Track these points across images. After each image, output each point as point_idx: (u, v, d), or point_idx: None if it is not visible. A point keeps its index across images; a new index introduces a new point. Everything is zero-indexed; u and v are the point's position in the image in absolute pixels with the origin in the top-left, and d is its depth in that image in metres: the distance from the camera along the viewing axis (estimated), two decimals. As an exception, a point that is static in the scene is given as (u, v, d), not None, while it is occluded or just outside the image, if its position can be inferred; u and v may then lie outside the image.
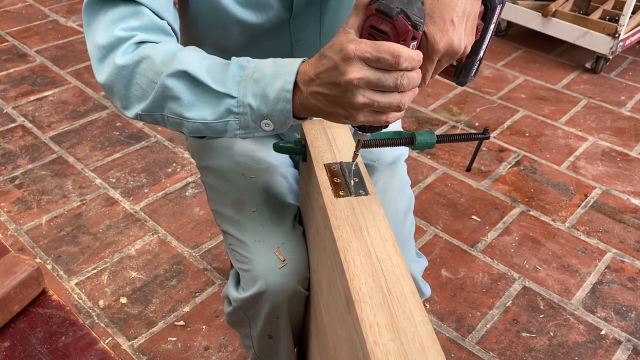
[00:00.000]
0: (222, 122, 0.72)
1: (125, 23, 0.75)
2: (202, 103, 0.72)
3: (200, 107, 0.72)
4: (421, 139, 0.89)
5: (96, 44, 0.76)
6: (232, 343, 1.48)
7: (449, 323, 1.55)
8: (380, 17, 0.62)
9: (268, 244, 0.92)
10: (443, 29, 0.65)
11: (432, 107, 2.42)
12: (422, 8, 0.64)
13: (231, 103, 0.70)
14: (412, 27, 0.62)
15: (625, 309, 1.60)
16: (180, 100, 0.72)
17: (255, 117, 0.70)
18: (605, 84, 2.62)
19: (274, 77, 0.68)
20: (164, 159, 2.09)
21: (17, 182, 1.97)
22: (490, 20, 0.75)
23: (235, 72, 0.70)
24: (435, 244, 1.78)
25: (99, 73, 0.76)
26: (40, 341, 0.72)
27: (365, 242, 0.66)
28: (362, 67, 0.61)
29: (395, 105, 0.63)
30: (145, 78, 0.73)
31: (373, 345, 0.54)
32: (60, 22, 3.00)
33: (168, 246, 1.75)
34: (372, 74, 0.61)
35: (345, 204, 0.72)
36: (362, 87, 0.62)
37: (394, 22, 0.61)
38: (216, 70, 0.71)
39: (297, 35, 0.94)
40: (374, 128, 0.71)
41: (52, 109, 2.33)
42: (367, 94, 0.62)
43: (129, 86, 0.75)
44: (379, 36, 0.63)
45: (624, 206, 1.94)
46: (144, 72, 0.73)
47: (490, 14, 0.75)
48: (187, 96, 0.72)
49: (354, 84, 0.61)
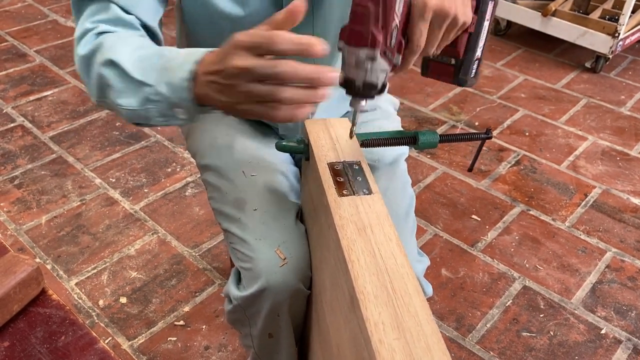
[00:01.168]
0: (143, 109, 0.75)
1: (94, 17, 0.82)
2: (129, 91, 0.75)
3: (127, 94, 0.75)
4: (424, 138, 0.89)
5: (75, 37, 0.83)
6: (232, 343, 1.48)
7: (449, 323, 1.54)
8: None
9: (269, 242, 0.91)
10: None
11: (432, 106, 2.42)
12: None
13: (148, 91, 0.73)
14: None
15: (625, 308, 1.60)
16: (112, 87, 0.76)
17: (168, 105, 0.72)
18: (605, 83, 2.62)
19: (180, 65, 0.70)
20: (164, 158, 2.08)
21: (16, 182, 1.96)
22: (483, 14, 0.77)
23: (155, 61, 0.73)
24: (435, 244, 1.78)
25: (75, 59, 0.83)
26: (40, 341, 0.71)
27: (369, 241, 0.66)
28: (246, 56, 0.62)
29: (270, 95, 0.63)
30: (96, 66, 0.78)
31: (378, 344, 0.53)
32: (60, 22, 2.99)
33: (168, 246, 1.74)
34: (252, 61, 0.62)
35: (349, 203, 0.72)
36: (243, 75, 0.63)
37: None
38: (143, 59, 0.74)
39: None
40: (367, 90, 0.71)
41: (52, 109, 2.33)
42: (248, 82, 0.63)
43: (88, 75, 0.80)
44: None
45: (624, 205, 1.94)
46: (96, 62, 0.78)
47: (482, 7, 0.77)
48: (117, 84, 0.76)
49: (235, 72, 0.63)
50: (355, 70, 0.70)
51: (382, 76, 0.72)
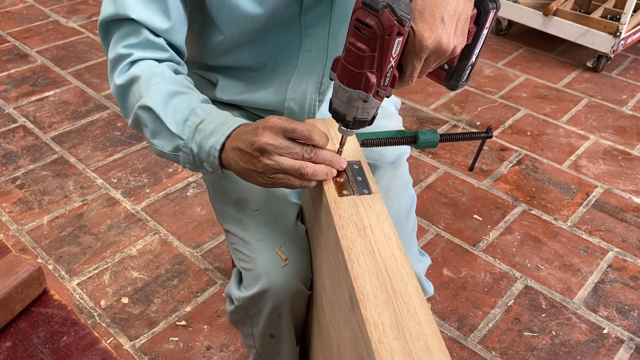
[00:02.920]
0: (173, 155, 0.83)
1: (126, 41, 0.87)
2: (162, 136, 0.83)
3: (161, 138, 0.84)
4: (424, 137, 0.89)
5: (108, 58, 0.90)
6: (233, 343, 1.48)
7: (451, 322, 1.54)
8: (366, 10, 0.62)
9: (270, 243, 0.91)
10: (432, 26, 0.66)
11: (433, 106, 2.42)
12: (410, 4, 0.64)
13: (180, 143, 0.82)
14: (398, 22, 0.62)
15: (627, 307, 1.59)
16: (148, 127, 0.85)
17: (197, 159, 0.81)
18: (607, 82, 2.62)
19: (212, 133, 0.78)
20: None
21: (18, 183, 1.97)
22: (483, 24, 0.75)
23: (188, 117, 0.81)
24: (436, 243, 1.78)
25: (110, 84, 0.90)
26: (41, 341, 0.72)
27: (369, 241, 0.66)
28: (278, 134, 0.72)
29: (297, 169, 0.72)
30: (133, 99, 0.86)
31: (378, 344, 0.53)
32: (61, 22, 3.00)
33: (169, 246, 1.74)
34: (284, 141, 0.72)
35: (349, 203, 0.72)
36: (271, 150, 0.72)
37: (380, 16, 0.62)
38: (177, 110, 0.82)
39: (306, 29, 0.95)
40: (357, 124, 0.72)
41: (53, 109, 2.33)
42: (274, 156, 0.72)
43: (123, 102, 0.88)
44: (364, 29, 0.63)
45: (625, 205, 1.94)
46: (132, 94, 0.86)
47: (483, 18, 0.75)
48: (152, 126, 0.84)
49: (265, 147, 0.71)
50: (346, 106, 0.70)
51: (372, 112, 0.72)
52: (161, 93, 0.83)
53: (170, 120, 0.81)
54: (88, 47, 2.77)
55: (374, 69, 0.66)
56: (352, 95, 0.68)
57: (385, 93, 0.70)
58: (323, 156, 0.74)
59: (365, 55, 0.64)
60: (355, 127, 0.73)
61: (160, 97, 0.83)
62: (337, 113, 0.72)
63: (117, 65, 0.87)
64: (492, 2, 0.74)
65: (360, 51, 0.64)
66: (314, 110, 1.01)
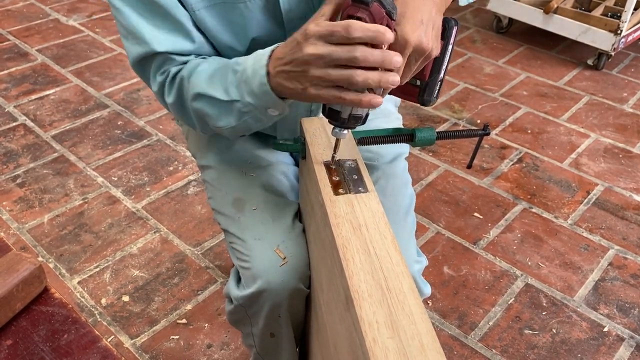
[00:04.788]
0: (242, 122, 0.82)
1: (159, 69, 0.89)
2: (223, 112, 0.83)
3: (223, 116, 0.83)
4: (421, 135, 0.89)
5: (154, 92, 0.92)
6: (234, 341, 1.48)
7: (452, 320, 1.55)
8: (357, 5, 0.67)
9: (268, 242, 0.92)
10: (414, 26, 0.71)
11: (434, 104, 2.41)
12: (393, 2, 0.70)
13: (239, 106, 0.80)
14: (387, 15, 0.67)
15: (628, 305, 1.59)
16: (209, 115, 0.84)
17: (259, 110, 0.80)
18: (607, 80, 2.61)
19: (253, 74, 0.77)
20: (166, 157, 2.09)
21: (19, 181, 1.97)
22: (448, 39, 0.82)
23: (232, 78, 0.80)
24: (437, 242, 1.78)
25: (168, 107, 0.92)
26: (42, 339, 0.72)
27: (364, 239, 0.66)
28: (318, 43, 0.67)
29: (346, 78, 0.67)
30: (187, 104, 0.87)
31: (372, 343, 0.53)
32: (62, 21, 3.00)
33: (170, 244, 1.75)
34: (326, 48, 0.67)
35: (345, 202, 0.72)
36: (315, 61, 0.68)
37: (370, 9, 0.67)
38: (221, 80, 0.81)
39: None
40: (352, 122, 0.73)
41: (54, 108, 2.34)
42: (321, 68, 0.68)
43: (185, 115, 0.90)
44: None
45: (626, 203, 1.94)
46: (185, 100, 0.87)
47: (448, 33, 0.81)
48: (211, 111, 0.84)
49: (308, 59, 0.68)
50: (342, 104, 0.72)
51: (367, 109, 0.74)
52: (201, 75, 0.83)
53: (219, 92, 0.81)
54: (88, 46, 2.78)
55: None
56: None
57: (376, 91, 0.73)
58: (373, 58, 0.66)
59: None
60: (350, 125, 0.74)
61: (202, 79, 0.83)
62: (333, 111, 0.74)
63: (163, 92, 0.89)
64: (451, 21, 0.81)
65: None
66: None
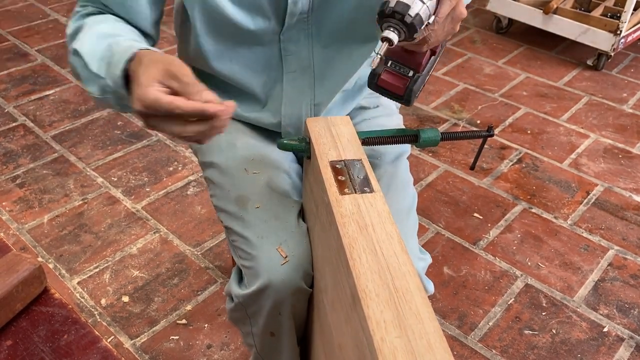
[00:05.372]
0: (103, 97, 0.80)
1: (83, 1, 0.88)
2: (90, 80, 0.80)
3: (90, 83, 0.81)
4: (425, 136, 0.89)
5: None
6: (234, 341, 1.48)
7: (452, 321, 1.54)
8: None
9: (271, 241, 0.91)
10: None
11: (434, 104, 2.41)
12: None
13: (102, 83, 0.78)
14: None
15: (627, 306, 1.59)
16: (80, 75, 0.83)
17: (118, 95, 0.77)
18: (607, 81, 2.62)
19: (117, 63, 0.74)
20: (166, 157, 2.09)
21: (18, 182, 1.96)
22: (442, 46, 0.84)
23: (104, 55, 0.77)
24: (437, 242, 1.78)
25: None
26: (42, 339, 0.72)
27: (371, 239, 0.65)
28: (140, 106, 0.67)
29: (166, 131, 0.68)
30: None
31: (380, 342, 0.53)
32: (61, 21, 3.00)
33: (170, 245, 1.74)
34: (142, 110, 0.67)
35: (351, 202, 0.72)
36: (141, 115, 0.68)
37: None
38: (101, 50, 0.78)
39: (287, 49, 0.95)
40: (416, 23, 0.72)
41: (54, 108, 2.33)
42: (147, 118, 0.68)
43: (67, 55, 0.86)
44: None
45: (626, 203, 1.94)
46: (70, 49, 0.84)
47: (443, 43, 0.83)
48: (82, 72, 0.82)
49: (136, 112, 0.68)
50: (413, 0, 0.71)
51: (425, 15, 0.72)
52: (92, 36, 0.81)
53: (93, 61, 0.79)
54: (88, 46, 2.77)
55: None
56: None
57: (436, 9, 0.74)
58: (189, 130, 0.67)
59: None
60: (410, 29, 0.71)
61: (89, 40, 0.81)
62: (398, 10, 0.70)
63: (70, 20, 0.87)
64: None
65: None
66: None
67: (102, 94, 0.80)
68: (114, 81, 0.75)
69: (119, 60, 0.74)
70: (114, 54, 0.75)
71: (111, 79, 0.75)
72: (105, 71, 0.76)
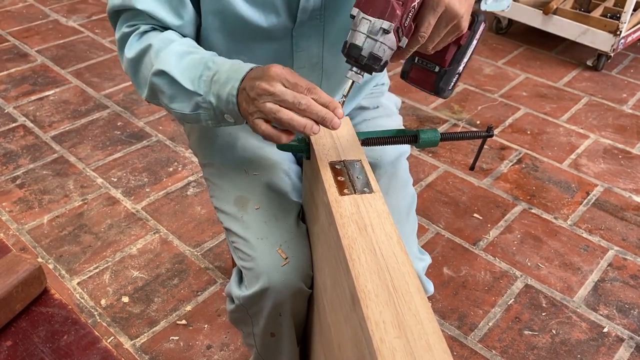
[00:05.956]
0: (195, 113, 0.84)
1: (130, 21, 0.90)
2: (180, 97, 0.84)
3: (180, 100, 0.85)
4: (425, 136, 0.89)
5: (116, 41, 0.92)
6: (234, 342, 1.48)
7: (451, 321, 1.54)
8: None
9: (271, 242, 0.91)
10: None
11: (433, 105, 2.42)
12: None
13: (199, 99, 0.83)
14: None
15: (627, 306, 1.59)
16: (165, 93, 0.86)
17: (217, 112, 0.82)
18: (607, 81, 2.62)
19: (227, 81, 0.79)
20: (165, 158, 2.09)
21: (18, 182, 1.96)
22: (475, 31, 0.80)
23: (202, 72, 0.82)
24: (437, 242, 1.78)
25: (121, 61, 0.92)
26: (42, 340, 0.72)
27: (370, 239, 0.66)
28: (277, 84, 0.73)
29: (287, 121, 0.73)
30: (146, 70, 0.87)
31: (379, 342, 0.53)
32: (61, 21, 3.00)
33: (170, 245, 1.74)
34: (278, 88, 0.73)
35: (350, 202, 0.72)
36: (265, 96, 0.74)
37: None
38: (191, 68, 0.83)
39: (298, 45, 0.95)
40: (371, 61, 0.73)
41: (53, 109, 2.33)
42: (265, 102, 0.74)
43: (136, 75, 0.90)
44: None
45: (626, 204, 1.94)
46: (145, 66, 0.87)
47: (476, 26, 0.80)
48: (169, 91, 0.85)
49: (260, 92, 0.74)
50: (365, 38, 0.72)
51: (388, 53, 0.73)
52: (172, 55, 0.84)
53: (186, 79, 0.82)
54: (88, 47, 2.77)
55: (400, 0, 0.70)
56: (374, 25, 0.70)
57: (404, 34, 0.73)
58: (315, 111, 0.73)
59: None
60: (366, 69, 0.74)
61: (172, 59, 0.83)
62: (354, 47, 0.73)
63: (124, 42, 0.89)
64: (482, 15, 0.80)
65: None
66: None
67: (194, 109, 0.84)
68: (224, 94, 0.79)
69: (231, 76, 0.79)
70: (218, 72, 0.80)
71: (216, 93, 0.80)
72: (208, 88, 0.81)
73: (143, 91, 0.89)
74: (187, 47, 0.86)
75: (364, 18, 0.71)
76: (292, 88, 0.73)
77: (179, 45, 0.86)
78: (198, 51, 0.86)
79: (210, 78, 0.81)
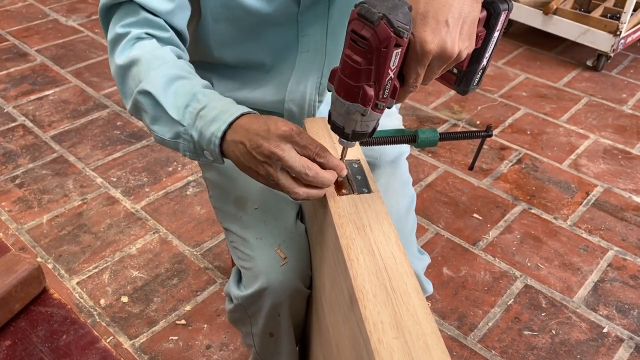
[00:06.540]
0: (174, 141, 0.80)
1: (124, 20, 0.84)
2: (162, 122, 0.80)
3: (161, 124, 0.80)
4: (424, 136, 0.89)
5: (108, 41, 0.87)
6: (233, 342, 1.48)
7: (451, 321, 1.54)
8: (362, 21, 0.59)
9: (270, 242, 0.91)
10: (435, 30, 0.62)
11: (433, 105, 2.41)
12: (409, 14, 0.60)
13: (180, 130, 0.78)
14: (395, 34, 0.59)
15: (627, 306, 1.59)
16: (147, 113, 0.81)
17: (197, 147, 0.78)
18: (607, 81, 2.62)
19: (214, 120, 0.75)
20: (165, 158, 2.09)
21: (18, 182, 1.96)
22: (493, 27, 0.71)
23: (189, 102, 0.78)
24: (436, 242, 1.78)
25: (111, 64, 0.87)
26: (41, 340, 0.72)
27: (368, 240, 0.66)
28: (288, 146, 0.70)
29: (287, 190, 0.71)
30: (132, 82, 0.82)
31: (377, 343, 0.53)
32: (61, 21, 3.00)
33: (169, 245, 1.74)
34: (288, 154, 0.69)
35: (348, 202, 0.72)
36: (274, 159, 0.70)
37: (375, 28, 0.58)
38: (179, 95, 0.79)
39: (303, 30, 0.95)
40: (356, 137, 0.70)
41: (53, 108, 2.33)
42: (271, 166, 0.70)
43: (122, 85, 0.85)
44: (360, 42, 0.60)
45: (625, 204, 1.94)
46: (132, 77, 0.83)
47: (493, 21, 0.71)
48: (152, 112, 0.81)
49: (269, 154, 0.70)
50: (344, 119, 0.68)
51: (372, 124, 0.69)
52: (162, 77, 0.79)
53: (171, 105, 0.78)
54: (87, 46, 2.77)
55: (371, 82, 0.63)
56: (349, 108, 0.65)
57: (385, 105, 0.66)
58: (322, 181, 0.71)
59: (362, 69, 0.61)
60: (355, 140, 0.70)
61: (160, 82, 0.79)
62: (336, 126, 0.69)
63: (116, 45, 0.84)
64: (503, 3, 0.69)
65: (357, 64, 0.61)
66: (314, 111, 1.01)
67: (173, 137, 0.80)
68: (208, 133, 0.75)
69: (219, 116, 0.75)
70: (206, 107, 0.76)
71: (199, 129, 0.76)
72: (192, 121, 0.77)
73: (127, 103, 0.85)
74: (180, 71, 0.81)
75: (338, 99, 0.66)
76: (301, 151, 0.70)
77: (172, 67, 0.81)
78: (190, 77, 0.81)
79: (197, 111, 0.76)
